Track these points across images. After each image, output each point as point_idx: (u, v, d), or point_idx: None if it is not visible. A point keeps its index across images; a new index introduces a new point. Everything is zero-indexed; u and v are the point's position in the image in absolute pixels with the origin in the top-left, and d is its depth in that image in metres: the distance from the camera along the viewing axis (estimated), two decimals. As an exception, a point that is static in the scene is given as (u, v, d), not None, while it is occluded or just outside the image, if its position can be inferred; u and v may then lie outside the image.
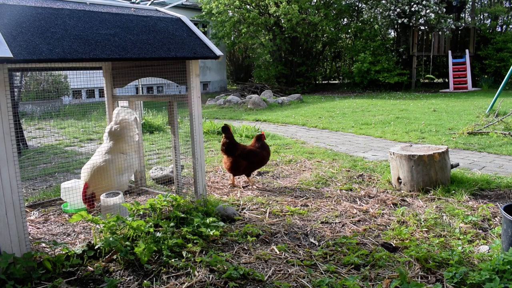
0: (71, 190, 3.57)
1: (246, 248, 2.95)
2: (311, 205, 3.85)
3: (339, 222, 3.44)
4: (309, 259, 2.76)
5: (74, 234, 3.23)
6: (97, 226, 2.93)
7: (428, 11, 15.90)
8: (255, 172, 4.99)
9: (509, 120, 7.34)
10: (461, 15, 19.89)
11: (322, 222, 3.43)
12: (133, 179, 4.39)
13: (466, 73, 16.46)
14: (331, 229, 3.29)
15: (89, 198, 3.52)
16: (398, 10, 16.42)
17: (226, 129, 4.44)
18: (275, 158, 5.68)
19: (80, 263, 2.65)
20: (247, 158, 4.39)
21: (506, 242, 2.66)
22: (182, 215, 3.27)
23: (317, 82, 22.45)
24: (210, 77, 21.28)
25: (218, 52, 3.37)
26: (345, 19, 20.72)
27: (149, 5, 9.06)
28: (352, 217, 3.54)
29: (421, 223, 3.31)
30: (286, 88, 18.46)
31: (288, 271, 2.61)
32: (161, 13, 3.62)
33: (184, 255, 2.77)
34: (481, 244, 2.93)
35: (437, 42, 17.24)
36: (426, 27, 17.41)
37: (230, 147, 4.42)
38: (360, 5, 19.43)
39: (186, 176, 4.82)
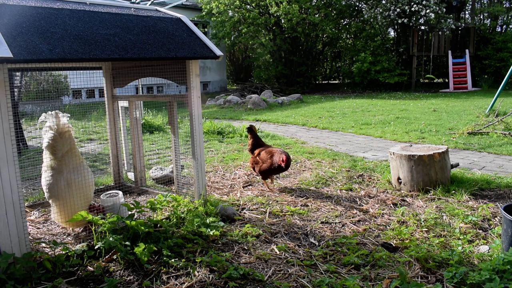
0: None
1: (246, 248, 2.95)
2: (311, 205, 3.85)
3: (339, 222, 3.44)
4: (309, 259, 2.76)
5: (74, 234, 3.23)
6: (97, 226, 2.93)
7: (428, 11, 15.90)
8: (255, 172, 4.98)
9: (509, 120, 7.34)
10: (461, 15, 19.89)
11: (322, 222, 3.43)
12: (133, 179, 4.39)
13: (466, 73, 16.46)
14: (331, 229, 3.29)
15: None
16: (398, 10, 16.43)
17: (251, 130, 4.64)
18: (275, 158, 5.68)
19: (80, 263, 2.65)
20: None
21: (506, 242, 2.66)
22: (182, 215, 3.27)
23: (317, 82, 22.44)
24: (210, 77, 21.28)
25: (218, 52, 3.37)
26: (345, 19, 20.73)
27: (149, 5, 9.06)
28: (352, 217, 3.54)
29: (421, 223, 3.31)
30: (286, 88, 18.47)
31: (288, 271, 2.61)
32: (161, 13, 3.62)
33: (184, 255, 2.77)
34: (481, 244, 2.93)
35: (437, 42, 17.24)
36: (426, 27, 17.41)
37: (256, 147, 4.56)
38: (360, 5, 19.43)
39: (186, 176, 4.82)
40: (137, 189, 4.28)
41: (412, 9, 16.14)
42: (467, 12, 20.89)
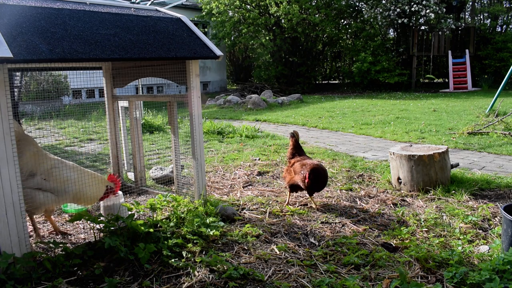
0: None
1: (246, 248, 2.95)
2: (311, 205, 3.85)
3: (339, 222, 3.44)
4: (309, 259, 2.76)
5: (74, 234, 3.23)
6: (97, 226, 2.93)
7: (428, 11, 15.90)
8: (255, 172, 4.98)
9: (509, 120, 7.34)
10: (461, 15, 19.88)
11: (322, 222, 3.43)
12: (133, 179, 4.39)
13: (466, 73, 16.46)
14: (331, 229, 3.29)
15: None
16: (398, 10, 16.43)
17: (293, 135, 4.16)
18: (275, 158, 5.68)
19: (80, 263, 2.65)
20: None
21: (506, 242, 2.66)
22: (182, 215, 3.27)
23: (317, 82, 22.45)
24: (210, 77, 21.28)
25: (218, 52, 3.37)
26: (345, 19, 20.73)
27: (149, 5, 9.06)
28: (352, 217, 3.54)
29: (421, 223, 3.31)
30: (286, 88, 18.46)
31: (288, 271, 2.61)
32: (161, 13, 3.62)
33: (184, 255, 2.77)
34: (481, 244, 2.93)
35: (437, 42, 17.24)
36: (426, 27, 17.41)
37: (293, 156, 4.05)
38: (360, 5, 19.44)
39: (186, 176, 4.81)
40: (137, 189, 4.28)
41: (412, 9, 16.14)
42: (467, 12, 20.90)
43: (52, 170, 3.00)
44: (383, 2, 17.05)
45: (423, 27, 17.53)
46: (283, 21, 18.00)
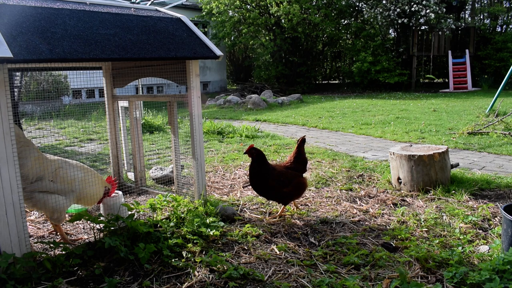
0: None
1: (246, 248, 2.95)
2: (311, 205, 3.85)
3: (339, 222, 3.44)
4: (309, 259, 2.76)
5: (74, 234, 3.23)
6: (97, 226, 2.93)
7: (428, 11, 15.90)
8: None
9: (509, 120, 7.34)
10: (461, 15, 19.89)
11: (322, 222, 3.43)
12: (133, 179, 4.39)
13: (466, 73, 16.46)
14: (331, 229, 3.29)
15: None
16: (398, 10, 16.43)
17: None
18: (275, 158, 5.68)
19: (80, 263, 2.65)
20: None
21: (506, 242, 2.66)
22: (182, 215, 3.27)
23: (317, 82, 22.44)
24: (210, 77, 21.28)
25: (218, 52, 3.37)
26: (345, 19, 20.73)
27: (149, 5, 9.06)
28: (352, 217, 3.54)
29: (421, 223, 3.31)
30: (286, 88, 18.46)
31: (288, 271, 2.61)
32: (161, 13, 3.62)
33: (184, 255, 2.77)
34: (481, 244, 2.93)
35: (437, 42, 17.25)
36: (426, 27, 17.42)
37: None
38: (360, 5, 19.44)
39: (186, 176, 4.81)
40: (137, 189, 4.28)
41: (412, 9, 16.14)
42: (467, 12, 20.90)
43: (58, 171, 3.00)
44: (383, 2, 17.06)
45: (423, 27, 17.53)
46: (283, 21, 17.99)
